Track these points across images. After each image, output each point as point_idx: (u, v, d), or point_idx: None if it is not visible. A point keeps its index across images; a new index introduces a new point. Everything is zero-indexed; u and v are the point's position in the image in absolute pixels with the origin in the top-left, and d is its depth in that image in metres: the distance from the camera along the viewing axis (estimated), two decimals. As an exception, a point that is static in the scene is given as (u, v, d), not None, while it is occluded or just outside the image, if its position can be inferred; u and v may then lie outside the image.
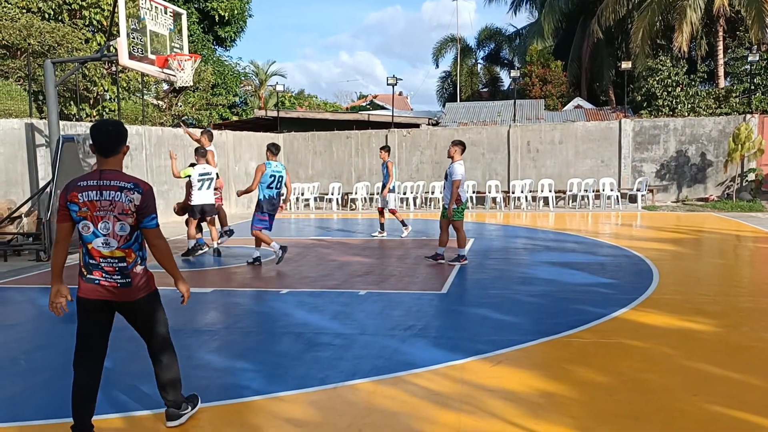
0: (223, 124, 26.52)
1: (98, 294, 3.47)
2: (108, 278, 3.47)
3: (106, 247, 3.44)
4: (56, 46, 16.99)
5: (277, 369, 4.80)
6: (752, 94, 22.49)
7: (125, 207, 3.42)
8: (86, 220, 3.42)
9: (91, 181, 3.43)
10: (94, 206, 3.40)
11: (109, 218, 3.42)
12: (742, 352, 5.05)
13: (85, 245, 3.46)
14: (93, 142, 3.49)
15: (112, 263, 3.46)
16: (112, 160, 3.51)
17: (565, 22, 35.92)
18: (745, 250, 10.75)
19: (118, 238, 3.45)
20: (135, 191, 3.44)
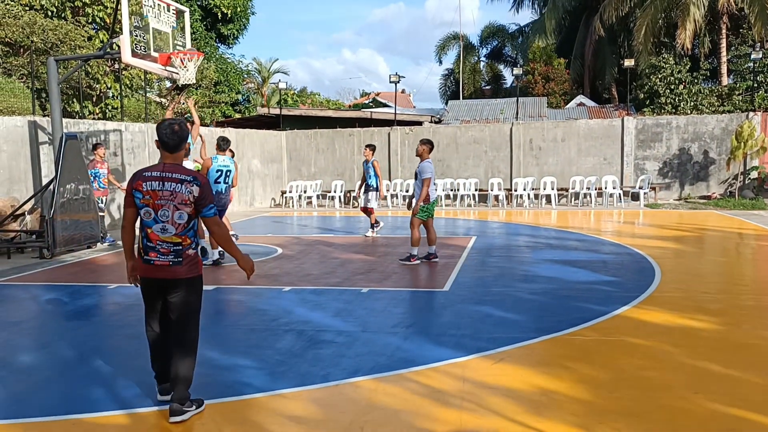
0: (225, 122, 26.54)
1: (152, 273, 3.85)
2: (162, 258, 3.82)
3: (163, 232, 3.79)
4: (59, 43, 17.02)
5: (279, 366, 4.81)
6: (755, 92, 22.43)
7: (185, 198, 3.79)
8: (148, 207, 3.79)
9: (155, 172, 3.81)
10: (156, 195, 3.77)
11: (169, 207, 3.78)
12: (744, 349, 5.05)
13: (144, 229, 3.83)
14: (159, 138, 3.86)
15: (168, 246, 3.81)
16: (175, 155, 3.89)
17: (568, 19, 35.85)
18: (747, 248, 10.74)
19: (176, 225, 3.81)
20: (194, 184, 3.81)
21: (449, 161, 20.31)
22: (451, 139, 20.35)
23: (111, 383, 4.53)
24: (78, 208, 10.70)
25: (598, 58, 33.80)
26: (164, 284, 3.86)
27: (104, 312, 6.86)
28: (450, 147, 20.35)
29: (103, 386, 4.47)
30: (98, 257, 10.40)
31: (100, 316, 6.67)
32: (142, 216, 3.82)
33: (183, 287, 3.86)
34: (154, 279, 3.85)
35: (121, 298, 7.30)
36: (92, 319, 6.52)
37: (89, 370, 4.82)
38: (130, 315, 6.52)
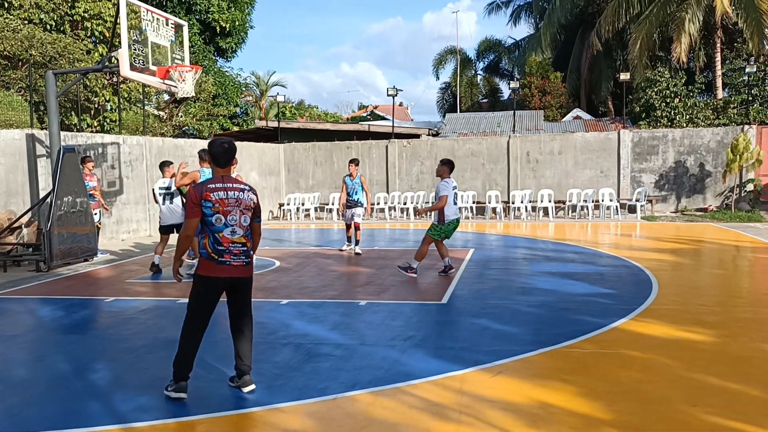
0: (224, 135, 26.60)
1: (229, 272, 4.34)
2: (236, 259, 4.35)
3: (233, 234, 4.33)
4: (58, 57, 17.07)
5: (276, 380, 4.80)
6: (750, 105, 22.57)
7: (248, 203, 4.41)
8: (219, 214, 4.30)
9: (218, 184, 4.36)
10: (224, 203, 4.30)
11: (236, 212, 4.34)
12: (741, 362, 5.05)
13: (214, 234, 4.31)
14: (212, 154, 4.41)
15: (238, 247, 4.36)
16: (226, 170, 4.45)
17: (563, 33, 36.10)
18: (743, 260, 10.76)
19: (243, 228, 4.39)
20: (252, 192, 4.50)
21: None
22: (449, 152, 20.40)
23: (108, 397, 4.51)
24: (75, 221, 10.69)
25: (593, 72, 34.01)
26: (236, 282, 4.40)
27: (101, 325, 6.84)
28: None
29: (100, 400, 4.45)
30: (95, 270, 10.38)
31: (97, 330, 6.65)
32: (213, 222, 4.29)
33: (250, 284, 4.53)
34: (228, 278, 4.35)
35: (117, 312, 7.27)
36: (89, 333, 6.50)
37: (86, 384, 4.80)
38: (126, 328, 6.50)
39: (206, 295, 4.38)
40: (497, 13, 42.36)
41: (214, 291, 4.37)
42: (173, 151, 16.31)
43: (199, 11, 27.28)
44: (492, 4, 41.73)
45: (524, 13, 41.03)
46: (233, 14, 28.30)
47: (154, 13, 10.95)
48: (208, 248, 4.32)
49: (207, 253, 4.32)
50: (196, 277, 4.39)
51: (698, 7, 23.75)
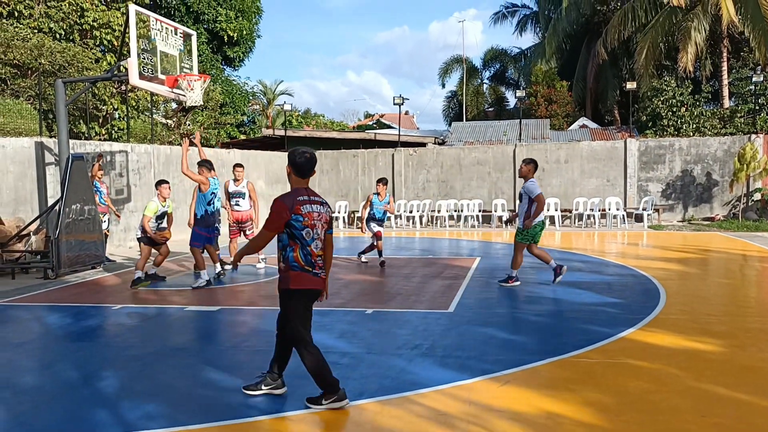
0: (231, 143, 26.70)
1: (321, 284, 4.46)
2: (321, 272, 4.46)
3: (317, 248, 4.40)
4: (67, 65, 17.21)
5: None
6: (757, 115, 22.52)
7: (326, 217, 4.47)
8: (308, 228, 4.33)
9: (304, 196, 4.37)
10: (311, 216, 4.34)
11: (318, 226, 4.40)
12: (750, 373, 5.02)
13: (306, 247, 4.33)
14: (294, 166, 4.39)
15: (320, 260, 4.44)
16: (306, 180, 4.46)
17: (569, 43, 36.16)
18: (751, 269, 10.71)
19: (322, 241, 4.46)
20: (328, 206, 4.55)
21: (453, 182, 20.37)
22: (455, 161, 20.43)
23: (115, 404, 4.52)
24: (83, 228, 10.74)
25: (599, 81, 34.02)
26: (318, 294, 4.49)
27: (108, 333, 6.86)
28: (454, 168, 20.42)
29: (107, 407, 4.46)
30: (102, 278, 10.42)
31: (104, 337, 6.67)
32: (303, 236, 4.30)
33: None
34: (318, 290, 4.46)
35: (125, 319, 7.30)
36: (96, 340, 6.52)
37: (93, 391, 4.81)
38: (134, 336, 6.52)
39: (307, 307, 4.44)
40: (503, 22, 42.50)
41: (309, 303, 4.46)
42: (181, 159, 16.37)
43: (207, 21, 27.46)
44: (498, 14, 41.93)
45: (530, 23, 41.17)
46: (241, 24, 28.48)
47: (163, 22, 11.04)
48: (300, 261, 4.32)
49: (300, 266, 4.32)
50: (290, 292, 4.35)
51: (704, 17, 23.76)
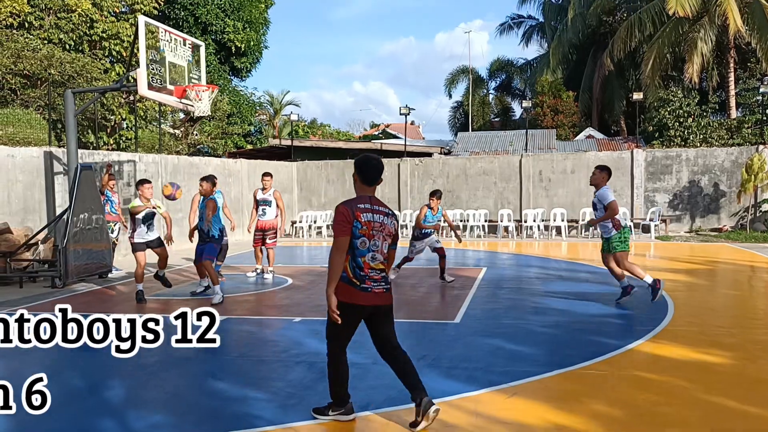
0: (237, 153, 26.82)
1: (372, 300, 4.11)
2: (377, 285, 4.11)
3: (373, 260, 4.10)
4: (76, 75, 17.35)
5: (290, 399, 4.79)
6: (764, 125, 22.45)
7: (390, 230, 4.19)
8: (364, 237, 4.07)
9: (366, 204, 4.13)
10: (371, 226, 4.08)
11: (379, 237, 4.12)
12: (760, 385, 4.98)
13: (357, 258, 4.07)
14: (360, 173, 4.21)
15: (377, 273, 4.12)
16: (373, 188, 4.24)
17: (575, 53, 36.27)
18: (759, 281, 10.64)
19: (383, 254, 4.17)
20: (394, 218, 4.24)
21: (459, 192, 20.37)
22: (461, 171, 20.43)
23: (121, 414, 4.52)
24: (91, 237, 10.78)
25: (606, 91, 34.04)
26: (378, 311, 4.16)
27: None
28: (460, 178, 20.43)
29: (113, 417, 4.46)
30: (110, 287, 10.44)
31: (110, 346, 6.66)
32: (357, 246, 4.05)
33: (391, 311, 4.27)
34: (370, 306, 4.11)
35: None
36: (102, 350, 6.51)
37: (99, 401, 4.81)
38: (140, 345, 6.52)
39: (346, 322, 4.10)
40: (509, 33, 42.69)
41: (353, 318, 4.12)
42: (188, 169, 16.47)
43: (215, 32, 27.67)
44: (504, 25, 42.11)
45: (536, 34, 41.33)
46: (248, 35, 28.68)
47: (171, 33, 11.12)
48: (349, 272, 4.07)
49: (347, 277, 4.07)
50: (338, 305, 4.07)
51: (711, 27, 23.78)
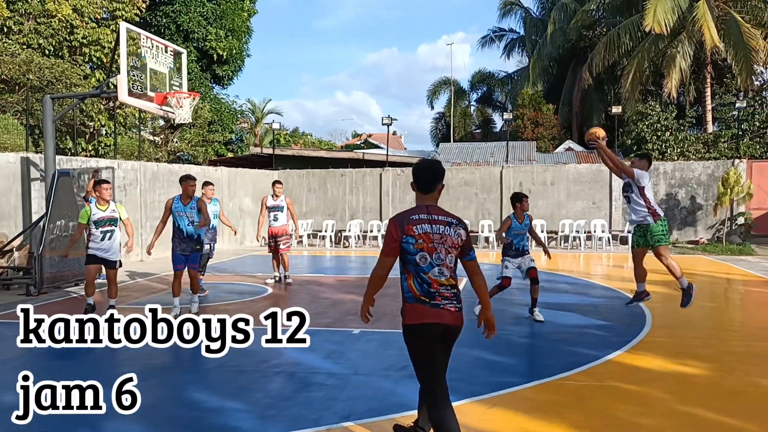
0: (218, 161, 26.65)
1: (442, 318, 3.64)
2: (448, 303, 3.67)
3: (440, 276, 3.67)
4: (55, 81, 17.16)
5: (269, 409, 4.74)
6: (740, 140, 22.87)
7: (454, 241, 3.70)
8: (423, 252, 3.65)
9: (422, 215, 3.71)
10: (429, 238, 3.65)
11: (441, 250, 3.67)
12: (737, 397, 5.04)
13: (421, 275, 3.66)
14: (416, 179, 3.82)
15: (449, 289, 3.69)
16: (431, 196, 3.82)
17: (555, 67, 36.71)
18: (735, 293, 10.80)
19: (450, 268, 3.70)
20: (460, 227, 3.76)
21: (440, 202, 20.41)
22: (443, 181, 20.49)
23: (97, 424, 4.44)
24: (67, 244, 10.61)
25: (585, 105, 34.48)
26: (448, 331, 3.67)
27: (93, 351, 6.74)
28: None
29: (89, 427, 4.38)
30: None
31: (87, 356, 6.56)
32: (417, 262, 3.66)
33: (457, 336, 3.76)
34: (440, 324, 3.63)
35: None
36: (79, 359, 6.42)
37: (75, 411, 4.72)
38: (116, 355, 6.42)
39: (425, 347, 3.66)
40: (490, 46, 43.05)
41: (432, 338, 3.65)
42: (167, 176, 16.32)
43: (197, 39, 27.56)
44: (485, 38, 42.46)
45: (517, 47, 41.74)
46: (230, 42, 28.60)
47: (153, 40, 11.06)
48: (414, 290, 3.66)
49: (413, 296, 3.66)
50: (405, 328, 3.72)
51: (689, 43, 24.20)
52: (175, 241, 8.63)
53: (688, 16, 23.99)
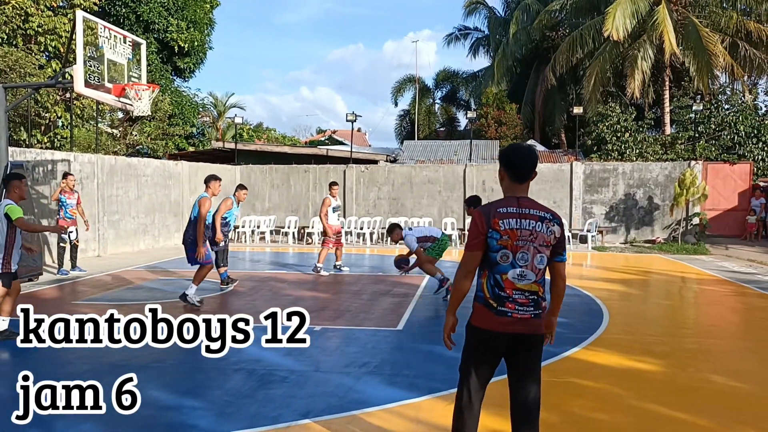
0: (179, 155, 26.18)
1: (511, 327, 3.26)
2: (521, 310, 3.26)
3: (521, 279, 3.24)
4: (8, 70, 16.61)
5: (227, 407, 4.67)
6: (696, 142, 23.51)
7: (546, 238, 3.27)
8: (506, 249, 3.24)
9: (511, 208, 3.27)
10: (515, 235, 3.23)
11: (529, 249, 3.25)
12: (689, 392, 5.17)
13: (496, 275, 3.27)
14: (508, 167, 3.35)
15: (525, 295, 3.26)
16: (525, 186, 3.37)
17: (519, 67, 37.15)
18: (689, 291, 11.09)
19: (537, 270, 3.27)
20: (554, 222, 3.31)
21: (404, 200, 20.47)
22: (406, 179, 20.55)
23: (49, 424, 4.31)
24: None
25: (547, 105, 34.99)
26: (519, 339, 3.28)
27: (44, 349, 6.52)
28: (405, 186, 20.54)
29: (41, 427, 4.25)
30: (39, 291, 9.98)
31: (40, 354, 6.36)
32: (497, 260, 3.25)
33: (539, 345, 3.35)
34: (507, 334, 3.26)
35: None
36: (31, 357, 6.22)
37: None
38: (71, 352, 6.25)
39: (480, 352, 3.38)
40: (456, 44, 43.27)
41: (490, 348, 3.34)
42: (126, 170, 15.97)
43: (157, 30, 27.00)
44: (451, 35, 42.64)
45: (482, 46, 42.06)
46: (192, 34, 28.11)
47: (111, 30, 10.78)
48: (486, 292, 3.30)
49: (484, 298, 3.32)
50: (468, 326, 3.45)
51: (650, 45, 24.75)
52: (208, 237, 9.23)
53: (649, 21, 24.53)
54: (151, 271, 12.26)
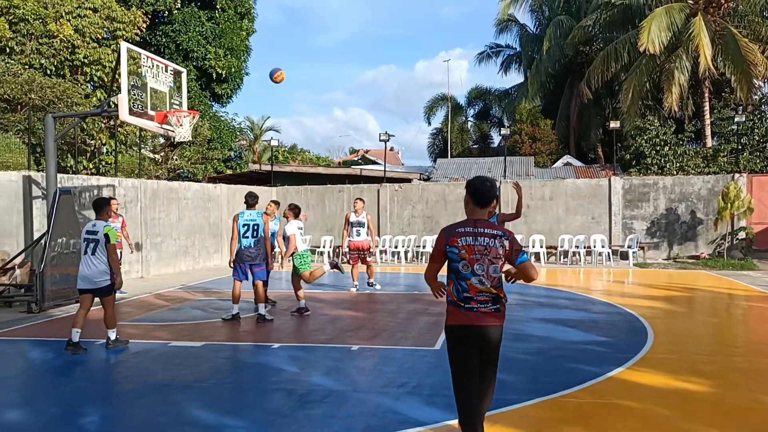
0: (217, 178, 26.70)
1: (477, 321, 3.93)
2: (483, 306, 3.95)
3: (481, 284, 3.94)
4: (56, 100, 17.24)
5: (268, 427, 4.72)
6: (740, 154, 22.93)
7: (498, 252, 3.95)
8: (465, 261, 3.93)
9: (468, 227, 3.99)
10: (471, 250, 3.93)
11: (484, 261, 3.93)
12: (741, 413, 5.01)
13: (461, 281, 3.96)
14: (474, 195, 4.06)
15: (486, 295, 3.96)
16: (483, 211, 4.07)
17: (553, 82, 36.90)
18: (737, 308, 10.77)
19: (491, 278, 3.95)
20: (505, 238, 3.98)
21: (438, 218, 20.44)
22: (440, 197, 20.54)
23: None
24: (69, 262, 10.61)
25: (582, 120, 34.62)
26: (484, 332, 3.94)
27: (91, 368, 6.72)
28: (439, 204, 20.52)
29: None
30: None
31: (88, 373, 6.54)
32: (459, 269, 3.95)
33: (499, 334, 4.03)
34: (474, 327, 3.93)
35: (108, 354, 7.16)
36: (79, 376, 6.39)
37: (74, 429, 4.69)
38: (116, 372, 6.40)
39: (458, 348, 3.97)
40: (487, 62, 43.18)
41: (465, 342, 3.94)
42: (167, 194, 16.36)
43: (196, 58, 27.72)
44: (482, 54, 42.65)
45: (514, 63, 41.99)
46: (229, 61, 28.77)
47: (153, 59, 11.13)
48: (452, 295, 4.00)
49: (453, 301, 4.00)
50: (445, 329, 4.07)
51: (687, 58, 24.36)
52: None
53: (684, 33, 24.17)
54: (191, 292, 12.48)
